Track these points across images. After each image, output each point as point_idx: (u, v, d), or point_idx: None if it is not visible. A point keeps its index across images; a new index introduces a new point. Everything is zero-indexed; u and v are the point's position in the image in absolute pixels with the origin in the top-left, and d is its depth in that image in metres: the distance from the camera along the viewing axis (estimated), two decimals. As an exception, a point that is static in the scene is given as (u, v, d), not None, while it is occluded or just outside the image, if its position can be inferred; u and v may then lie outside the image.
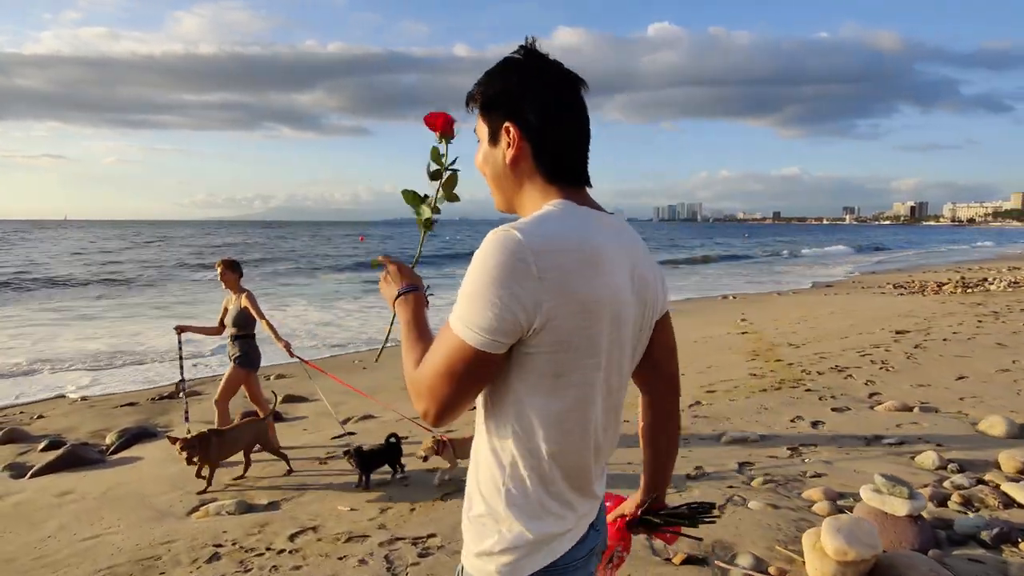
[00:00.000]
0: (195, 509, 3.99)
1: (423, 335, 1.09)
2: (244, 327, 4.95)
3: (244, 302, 4.92)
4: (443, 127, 1.23)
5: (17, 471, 4.97)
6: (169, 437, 4.35)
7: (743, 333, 10.14)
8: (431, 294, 1.23)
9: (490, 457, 1.04)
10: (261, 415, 4.89)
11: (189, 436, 4.26)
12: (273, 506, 4.00)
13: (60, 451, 4.96)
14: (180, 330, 4.98)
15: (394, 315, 1.19)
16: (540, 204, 1.05)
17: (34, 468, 4.83)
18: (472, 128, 1.15)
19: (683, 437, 4.68)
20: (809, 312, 12.55)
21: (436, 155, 1.23)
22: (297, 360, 4.93)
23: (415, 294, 1.18)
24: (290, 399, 7.25)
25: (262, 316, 4.86)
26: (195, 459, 4.21)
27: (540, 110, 1.05)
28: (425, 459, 4.15)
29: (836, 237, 78.41)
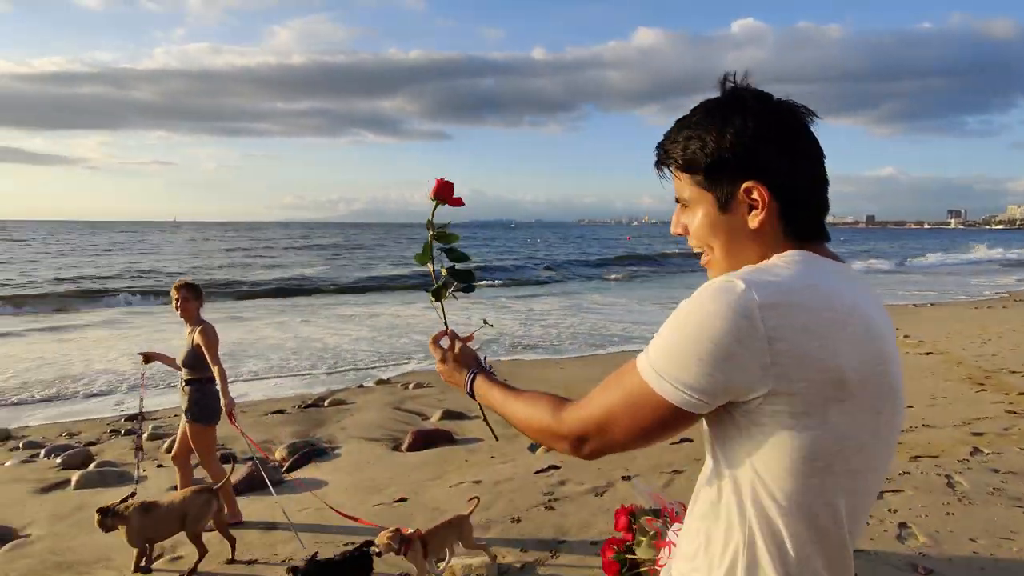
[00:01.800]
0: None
1: (517, 395, 1.09)
2: (196, 369, 3.97)
3: (198, 338, 3.92)
4: (440, 193, 1.32)
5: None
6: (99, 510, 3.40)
7: (927, 354, 8.92)
8: (490, 366, 1.24)
9: (720, 534, 0.89)
10: (212, 482, 3.90)
11: (114, 504, 3.39)
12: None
13: (244, 470, 4.63)
14: (147, 358, 4.22)
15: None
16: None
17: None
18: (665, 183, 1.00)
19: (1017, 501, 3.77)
20: (984, 328, 11.05)
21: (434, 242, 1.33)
22: (236, 429, 3.98)
23: (480, 376, 1.20)
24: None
25: (216, 360, 3.90)
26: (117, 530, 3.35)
27: (787, 160, 0.89)
28: (379, 555, 2.92)
29: (960, 242, 71.96)
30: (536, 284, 25.01)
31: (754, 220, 0.90)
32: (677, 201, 0.99)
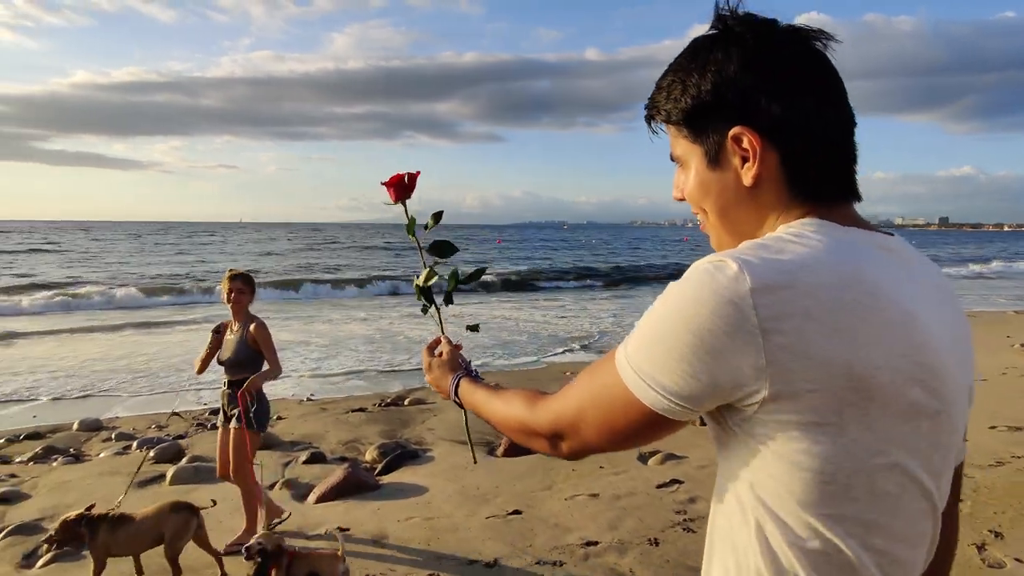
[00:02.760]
0: None
1: (498, 394, 0.99)
2: (248, 368, 3.57)
3: (254, 334, 3.57)
4: (397, 193, 1.25)
5: (298, 491, 4.50)
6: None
7: (1059, 365, 8.01)
8: (476, 371, 1.15)
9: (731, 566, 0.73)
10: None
11: (86, 512, 3.09)
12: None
13: (341, 472, 4.40)
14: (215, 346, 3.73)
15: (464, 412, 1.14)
16: (783, 223, 0.73)
17: (318, 492, 4.30)
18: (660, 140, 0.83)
19: None
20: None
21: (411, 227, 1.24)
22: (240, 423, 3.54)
23: (465, 379, 1.11)
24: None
25: (276, 359, 3.59)
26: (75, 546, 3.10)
27: (784, 97, 0.71)
28: (248, 558, 2.69)
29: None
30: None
31: (747, 175, 0.74)
32: (673, 160, 0.84)
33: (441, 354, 1.18)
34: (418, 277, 1.25)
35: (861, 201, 0.77)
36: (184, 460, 5.41)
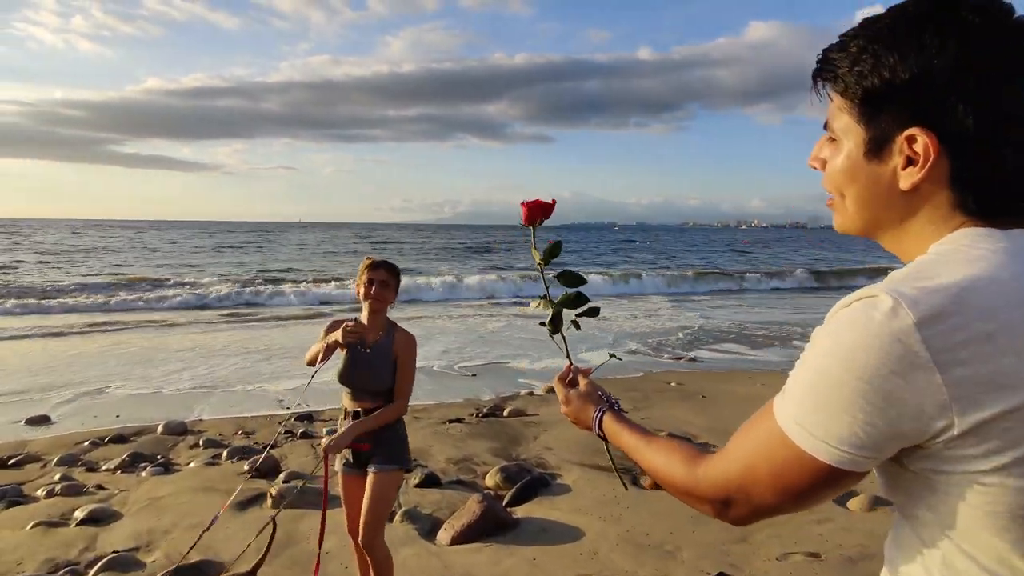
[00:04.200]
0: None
1: (648, 441, 0.96)
2: (383, 394, 2.69)
3: (400, 349, 2.68)
4: (531, 216, 1.29)
5: (422, 525, 3.82)
6: None
7: None
8: (618, 404, 1.14)
9: None
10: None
11: None
12: None
13: (477, 506, 3.69)
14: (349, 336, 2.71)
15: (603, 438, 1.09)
16: (939, 236, 0.68)
17: (452, 530, 3.61)
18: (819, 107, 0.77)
19: None
20: None
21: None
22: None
23: (608, 414, 1.08)
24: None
25: (410, 390, 2.73)
26: None
27: (986, 110, 0.63)
28: None
29: None
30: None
31: (906, 179, 0.68)
32: (824, 127, 0.77)
33: (576, 384, 1.18)
34: (540, 302, 1.28)
35: None
36: (282, 476, 4.83)
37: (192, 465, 5.23)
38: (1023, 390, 0.58)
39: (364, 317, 2.77)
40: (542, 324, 1.28)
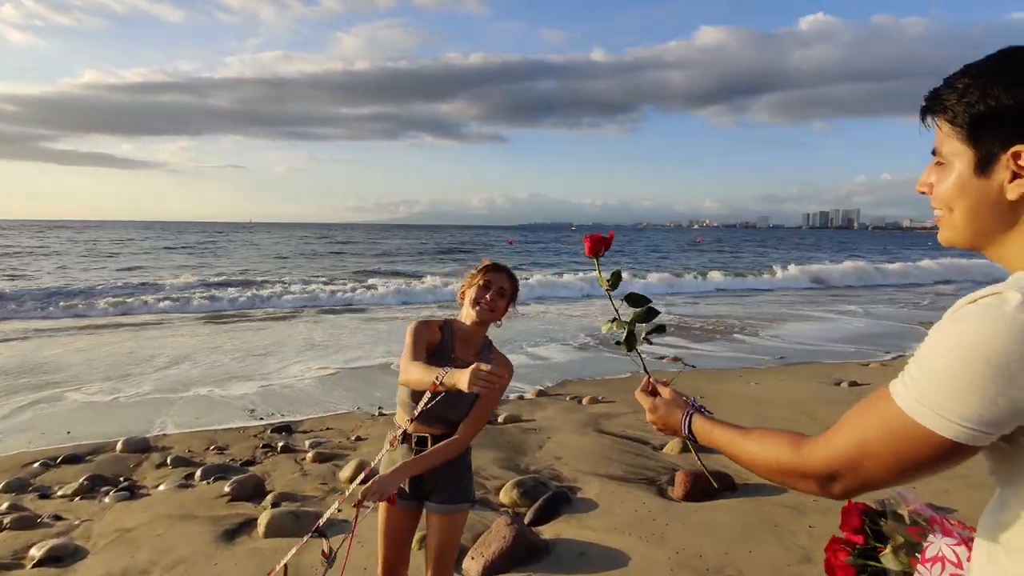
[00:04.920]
0: None
1: (745, 433, 1.04)
2: (455, 425, 2.20)
3: (488, 385, 1.78)
4: (593, 249, 1.44)
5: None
6: None
7: None
8: (702, 406, 1.22)
9: None
10: None
11: None
12: None
13: (507, 530, 3.28)
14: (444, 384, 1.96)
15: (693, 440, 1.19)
16: None
17: (481, 559, 3.18)
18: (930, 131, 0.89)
19: None
20: None
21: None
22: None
23: (696, 416, 1.17)
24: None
25: (482, 423, 2.23)
26: None
27: None
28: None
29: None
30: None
31: (1014, 191, 0.79)
32: (933, 154, 0.89)
33: (656, 394, 1.28)
34: (612, 324, 1.38)
35: None
36: (269, 498, 4.32)
37: (162, 488, 4.66)
38: None
39: (464, 319, 2.24)
40: (618, 344, 1.37)
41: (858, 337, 11.78)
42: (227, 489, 4.41)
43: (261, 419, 6.77)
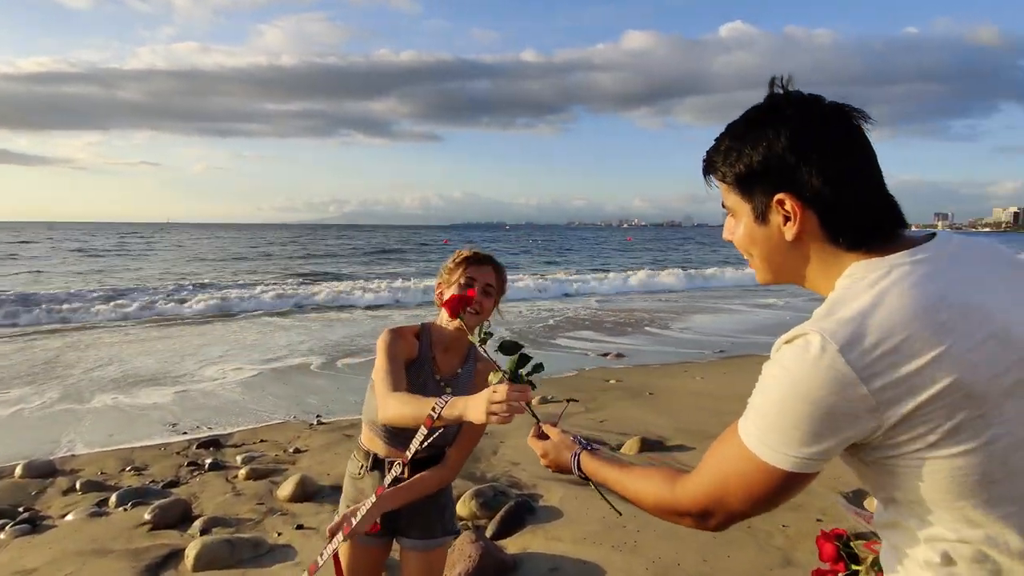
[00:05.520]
0: None
1: (627, 471, 1.10)
2: (441, 447, 1.95)
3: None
4: (453, 309, 1.58)
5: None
6: None
7: None
8: (589, 444, 1.25)
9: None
10: None
11: None
12: None
13: (472, 547, 3.00)
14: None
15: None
16: (834, 272, 0.89)
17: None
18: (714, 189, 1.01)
19: None
20: None
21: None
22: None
23: (584, 454, 1.20)
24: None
25: (479, 435, 1.97)
26: None
27: (823, 171, 0.87)
28: None
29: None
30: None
31: (788, 232, 0.90)
32: (724, 207, 0.99)
33: (546, 437, 1.32)
34: (496, 376, 1.42)
35: (908, 226, 0.91)
36: (198, 524, 3.86)
37: (71, 518, 4.10)
38: (928, 387, 0.76)
39: (444, 323, 1.90)
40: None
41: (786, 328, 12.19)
42: (148, 516, 3.92)
43: (184, 433, 6.18)
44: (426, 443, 1.64)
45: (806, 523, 3.35)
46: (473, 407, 1.44)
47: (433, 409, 1.52)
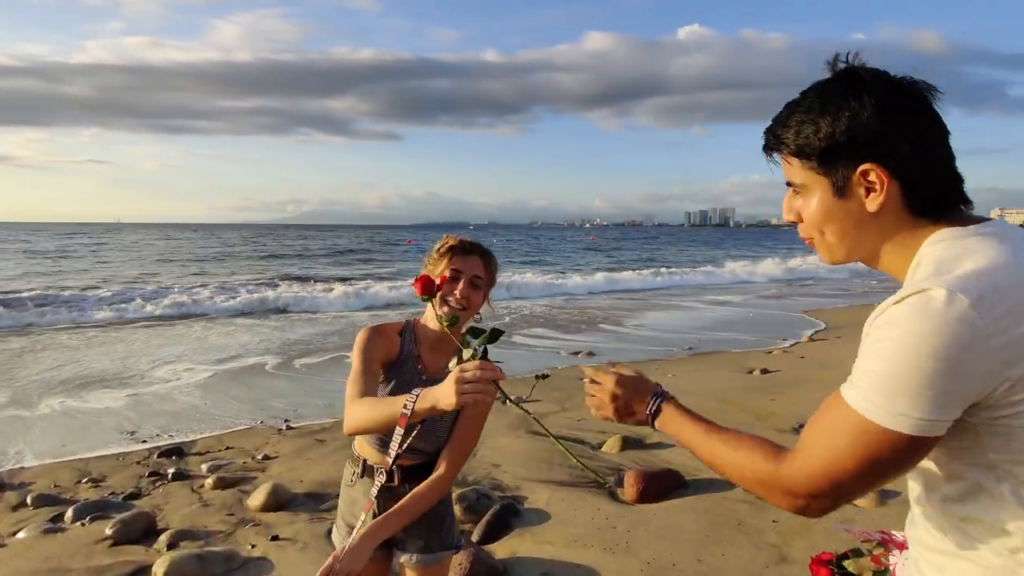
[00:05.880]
0: None
1: (718, 433, 1.01)
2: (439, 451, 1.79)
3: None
4: (423, 288, 1.54)
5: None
6: None
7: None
8: (669, 393, 1.13)
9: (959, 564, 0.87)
10: None
11: None
12: None
13: (462, 556, 2.89)
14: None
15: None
16: (912, 245, 0.89)
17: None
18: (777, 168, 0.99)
19: None
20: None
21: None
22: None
23: (667, 403, 1.10)
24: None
25: (471, 448, 1.82)
26: None
27: (909, 140, 0.87)
28: None
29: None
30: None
31: (873, 203, 0.89)
32: (788, 185, 0.98)
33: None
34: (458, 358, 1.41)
35: (972, 206, 0.91)
36: (164, 539, 3.64)
37: (22, 536, 3.82)
38: None
39: (430, 319, 1.77)
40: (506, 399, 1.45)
41: (751, 326, 12.39)
42: (109, 531, 3.67)
43: (144, 441, 5.88)
44: (406, 444, 1.55)
45: (796, 518, 3.34)
46: (444, 392, 1.37)
47: (404, 406, 1.44)
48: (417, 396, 1.43)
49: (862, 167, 0.88)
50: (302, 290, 18.43)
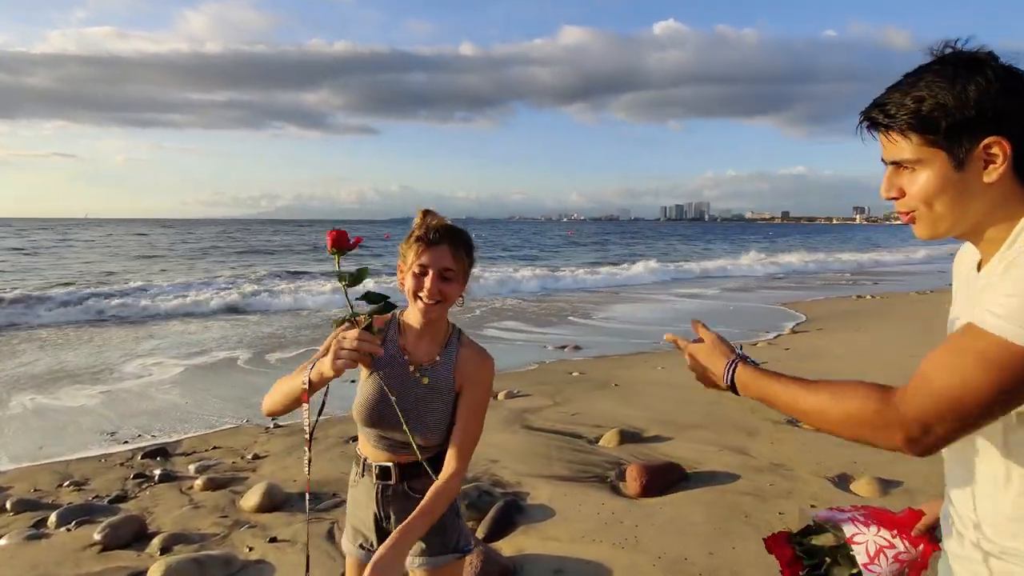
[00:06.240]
0: None
1: (805, 384, 1.01)
2: (436, 447, 1.67)
3: (470, 378, 1.67)
4: (336, 245, 1.47)
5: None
6: None
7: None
8: (747, 356, 1.16)
9: None
10: None
11: None
12: None
13: (472, 557, 2.84)
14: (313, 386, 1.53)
15: None
16: (1016, 215, 0.94)
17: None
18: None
19: None
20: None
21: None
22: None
23: (742, 364, 1.13)
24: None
25: (474, 442, 1.68)
26: None
27: None
28: None
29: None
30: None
31: (992, 174, 0.92)
32: (893, 163, 0.99)
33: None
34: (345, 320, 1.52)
35: None
36: (156, 543, 3.51)
37: (4, 543, 3.66)
38: None
39: (412, 320, 1.68)
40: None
41: (732, 318, 12.51)
42: (97, 536, 3.54)
43: (125, 442, 5.70)
44: (317, 419, 1.56)
45: (800, 509, 3.35)
46: (326, 359, 1.45)
47: (304, 378, 1.51)
48: (312, 366, 1.51)
49: (987, 140, 0.92)
50: (273, 286, 18.13)
